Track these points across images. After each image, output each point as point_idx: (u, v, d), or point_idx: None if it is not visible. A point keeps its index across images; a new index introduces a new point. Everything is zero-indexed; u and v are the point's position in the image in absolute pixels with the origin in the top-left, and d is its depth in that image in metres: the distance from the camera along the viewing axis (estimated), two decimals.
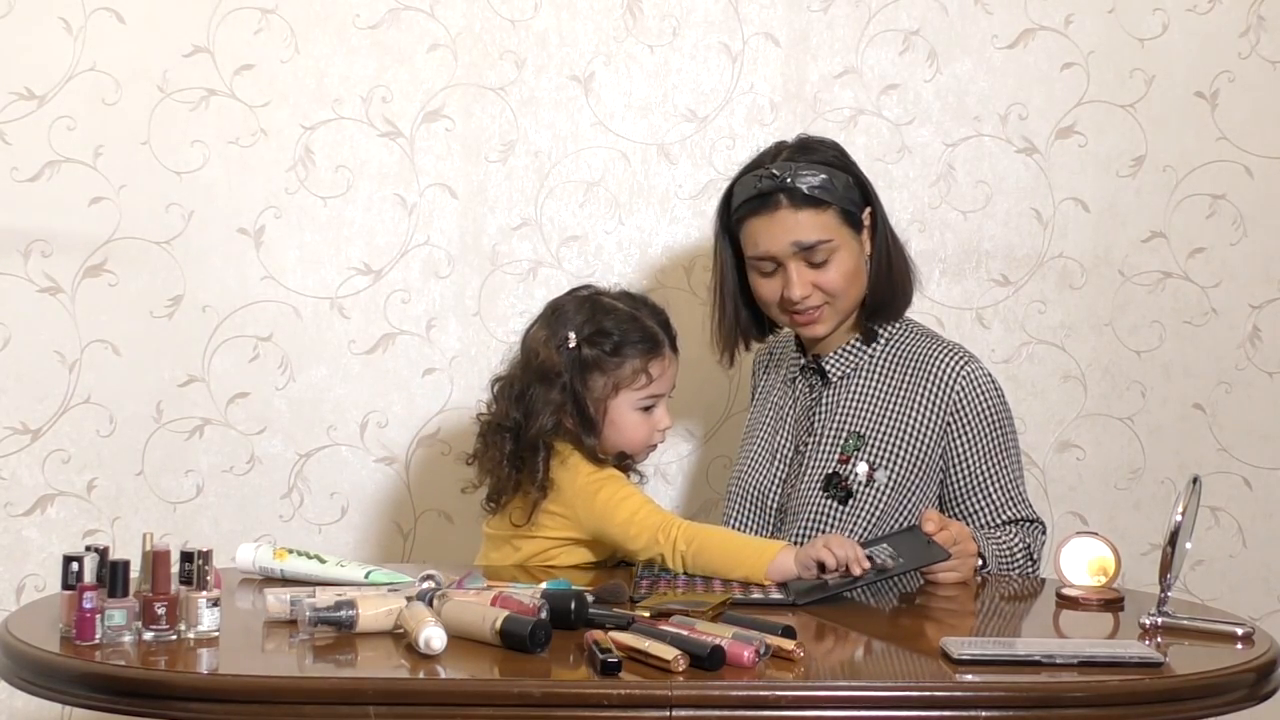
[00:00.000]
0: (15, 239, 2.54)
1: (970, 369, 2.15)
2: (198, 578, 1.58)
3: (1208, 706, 1.51)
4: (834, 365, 2.20)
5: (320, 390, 2.61)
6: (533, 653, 1.51)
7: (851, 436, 2.15)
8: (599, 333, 2.07)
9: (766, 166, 2.12)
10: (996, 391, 2.16)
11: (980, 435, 2.14)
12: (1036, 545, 2.14)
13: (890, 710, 1.45)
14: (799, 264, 2.11)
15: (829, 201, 2.11)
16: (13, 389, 2.56)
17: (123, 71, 2.55)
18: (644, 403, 2.09)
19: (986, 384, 2.15)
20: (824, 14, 2.64)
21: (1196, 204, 2.68)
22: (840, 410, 2.18)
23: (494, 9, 2.61)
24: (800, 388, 2.24)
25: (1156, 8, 2.66)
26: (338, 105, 2.60)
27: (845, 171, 2.15)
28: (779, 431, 2.24)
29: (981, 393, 2.14)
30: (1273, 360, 2.69)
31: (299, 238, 2.60)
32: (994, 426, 2.14)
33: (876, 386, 2.17)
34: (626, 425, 2.09)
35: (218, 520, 2.60)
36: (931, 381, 2.14)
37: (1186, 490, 1.75)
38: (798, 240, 2.10)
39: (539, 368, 2.07)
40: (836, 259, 2.12)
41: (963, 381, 2.14)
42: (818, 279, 2.12)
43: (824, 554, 1.84)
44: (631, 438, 2.10)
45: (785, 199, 2.10)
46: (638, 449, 2.12)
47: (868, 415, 2.16)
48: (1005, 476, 2.14)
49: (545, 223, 2.64)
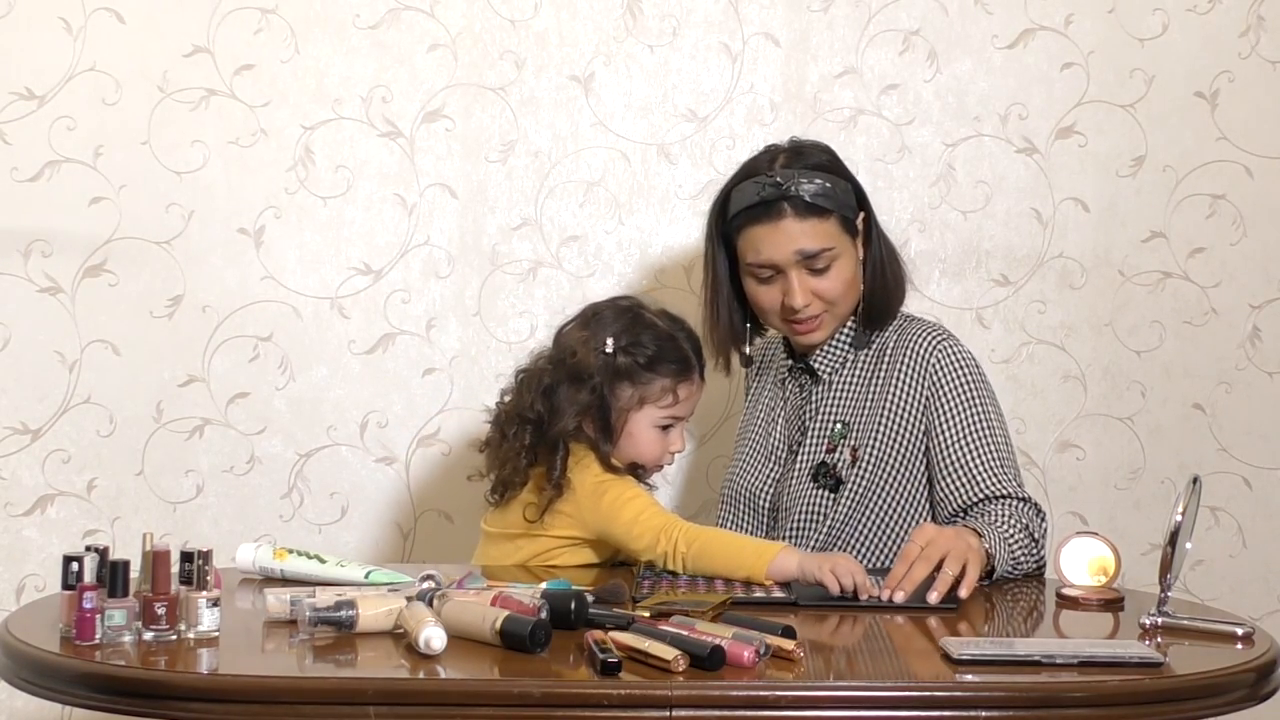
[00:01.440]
0: (15, 239, 2.54)
1: (946, 345, 2.15)
2: (198, 578, 1.58)
3: (1208, 706, 1.51)
4: (822, 363, 2.20)
5: (320, 390, 2.61)
6: (533, 653, 1.51)
7: (837, 425, 2.16)
8: (636, 344, 2.09)
9: (766, 173, 2.11)
10: (975, 366, 2.15)
11: (959, 408, 2.11)
12: (1036, 527, 2.06)
13: (890, 710, 1.45)
14: (800, 272, 2.11)
15: (830, 209, 2.11)
16: (13, 389, 2.56)
17: (123, 71, 2.55)
18: (664, 421, 2.11)
19: (963, 358, 2.14)
20: (824, 14, 2.64)
21: (1196, 204, 2.68)
22: (829, 404, 2.18)
23: (494, 9, 2.62)
24: (790, 389, 2.25)
25: (1156, 8, 2.66)
26: (338, 105, 2.60)
27: (842, 177, 2.15)
28: (771, 433, 2.25)
29: (958, 367, 2.13)
30: (1273, 360, 2.69)
31: (299, 238, 2.60)
32: (973, 400, 2.12)
33: (862, 376, 2.17)
34: (643, 440, 2.10)
35: (218, 520, 2.60)
36: (908, 360, 2.14)
37: (1186, 490, 1.75)
38: (802, 249, 2.10)
39: (573, 366, 2.08)
40: (836, 266, 2.12)
41: (938, 356, 2.13)
42: (817, 287, 2.12)
43: (828, 579, 1.82)
44: (644, 453, 2.11)
45: (789, 207, 2.09)
46: (649, 464, 2.14)
47: (853, 404, 2.16)
48: (988, 449, 2.10)
49: (545, 223, 2.64)
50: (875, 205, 2.44)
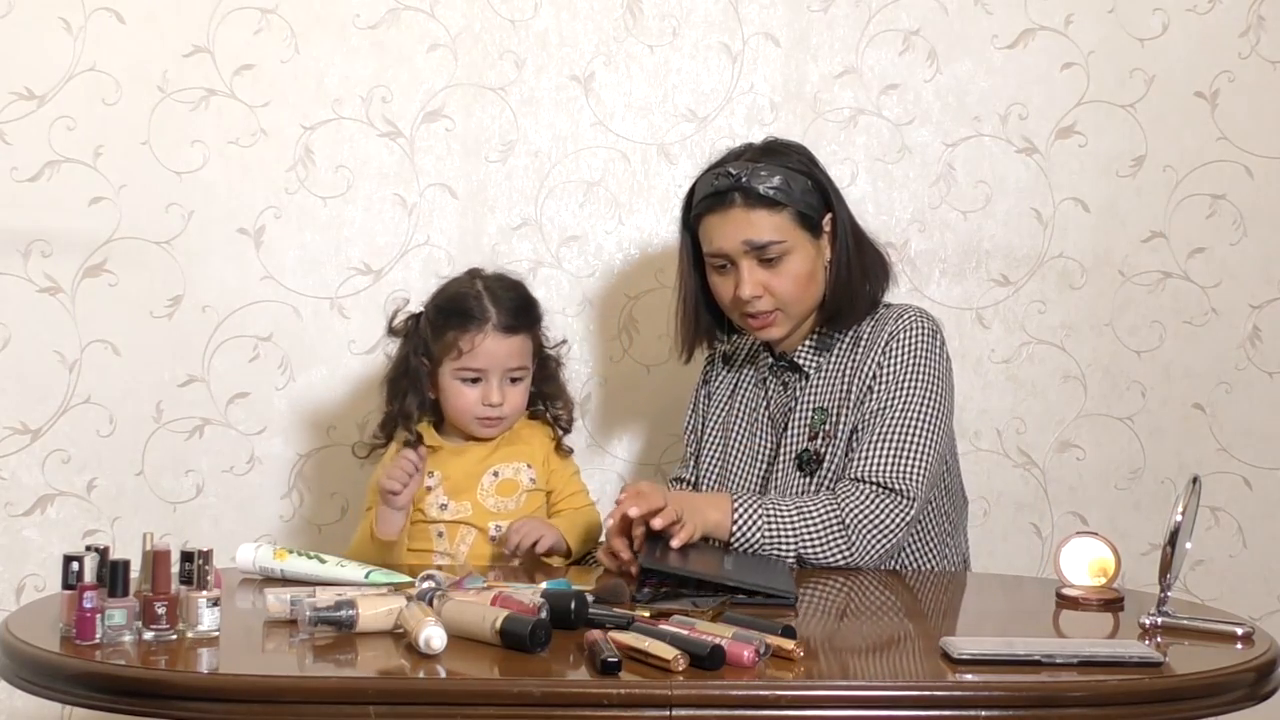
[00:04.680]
0: (15, 239, 2.54)
1: (906, 320, 2.13)
2: (198, 578, 1.58)
3: (1208, 706, 1.51)
4: (806, 358, 2.20)
5: (320, 390, 2.61)
6: (533, 653, 1.51)
7: (818, 412, 2.16)
8: (430, 307, 2.27)
9: (725, 165, 2.14)
10: (927, 345, 2.12)
11: (891, 385, 2.09)
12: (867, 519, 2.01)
13: (890, 710, 1.45)
14: (751, 263, 2.12)
15: (783, 203, 2.11)
16: (13, 389, 2.56)
17: (123, 71, 2.55)
18: (462, 375, 2.22)
19: (919, 337, 2.12)
20: (824, 14, 2.64)
21: (1196, 204, 2.68)
22: (809, 396, 2.18)
23: (494, 9, 2.62)
24: (773, 387, 2.24)
25: (1156, 8, 2.66)
26: (338, 105, 2.60)
27: (806, 176, 2.15)
28: (755, 433, 2.25)
29: (910, 344, 2.11)
30: (1273, 360, 2.69)
31: (299, 238, 2.60)
32: (908, 380, 2.09)
33: (843, 365, 2.17)
34: (450, 396, 2.23)
35: (218, 520, 2.60)
36: (879, 341, 2.14)
37: (1186, 490, 1.75)
38: (749, 239, 2.11)
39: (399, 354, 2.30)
40: (789, 261, 2.12)
41: (898, 331, 2.12)
42: (769, 281, 2.12)
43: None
44: (454, 407, 2.23)
45: (740, 197, 2.11)
46: (461, 421, 2.23)
47: (830, 392, 2.17)
48: (892, 432, 2.06)
49: (545, 223, 2.64)
50: (875, 205, 2.45)
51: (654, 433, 2.67)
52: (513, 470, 2.25)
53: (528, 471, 2.26)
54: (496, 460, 2.25)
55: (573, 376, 2.64)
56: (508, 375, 2.22)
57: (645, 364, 2.66)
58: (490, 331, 2.19)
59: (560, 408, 2.33)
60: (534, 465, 2.27)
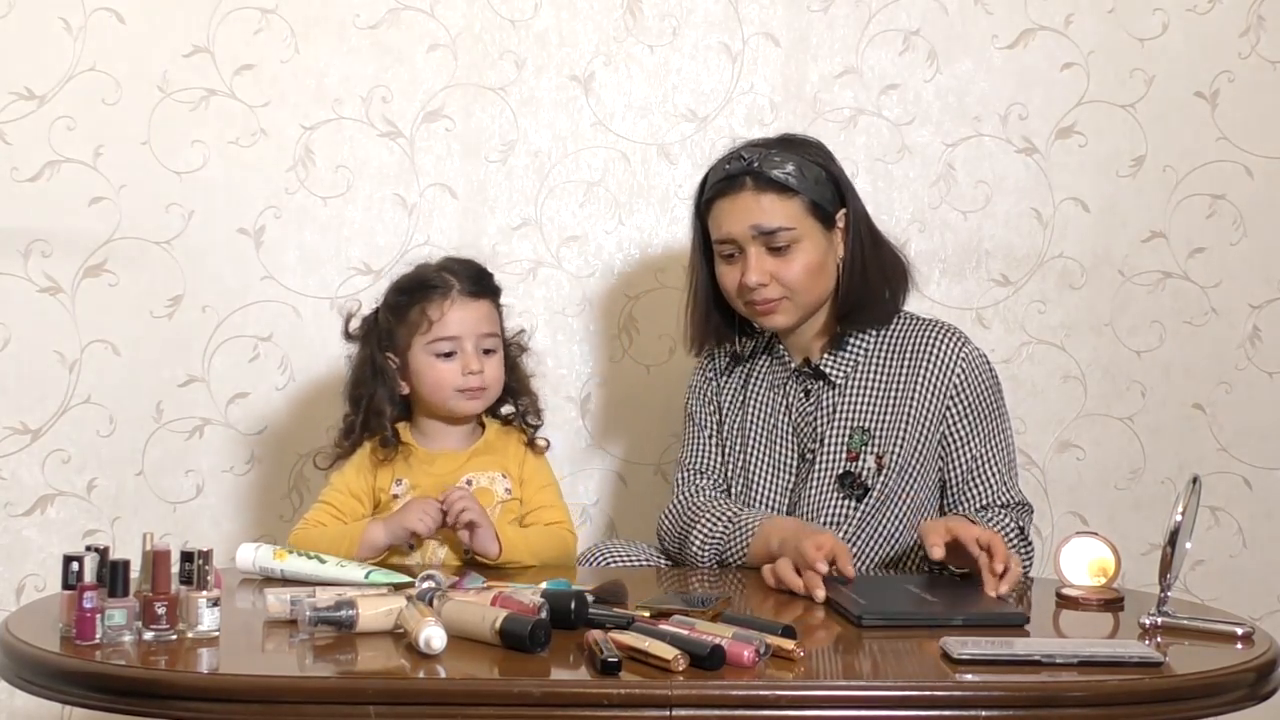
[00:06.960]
0: (15, 239, 2.54)
1: (968, 350, 2.15)
2: (198, 578, 1.58)
3: (1208, 706, 1.51)
4: (834, 368, 2.17)
5: (320, 390, 2.61)
6: (533, 653, 1.51)
7: (857, 432, 2.14)
8: (386, 298, 2.23)
9: (739, 151, 2.13)
10: (992, 374, 2.18)
11: (979, 417, 2.14)
12: (1028, 525, 2.14)
13: (890, 710, 1.45)
14: (759, 249, 2.09)
15: (795, 190, 2.09)
16: (13, 389, 2.56)
17: (123, 71, 2.55)
18: (437, 348, 2.16)
19: (983, 366, 2.17)
20: (824, 14, 2.64)
21: (1196, 204, 2.68)
22: (844, 409, 2.15)
23: (494, 9, 2.62)
24: (794, 393, 2.20)
25: (1156, 8, 2.66)
26: (338, 105, 2.60)
27: (821, 168, 2.13)
28: (775, 441, 2.20)
29: (979, 375, 2.15)
30: (1273, 360, 2.69)
31: (299, 238, 2.60)
32: (991, 409, 2.15)
33: (877, 378, 2.15)
34: (428, 374, 2.17)
35: (218, 520, 2.61)
36: (930, 364, 2.13)
37: (1186, 490, 1.75)
38: (757, 224, 2.09)
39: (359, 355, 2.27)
40: (798, 251, 2.10)
41: (962, 364, 2.14)
42: (777, 269, 2.10)
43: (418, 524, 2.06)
44: (437, 384, 2.17)
45: (750, 181, 2.09)
46: (447, 397, 2.18)
47: (871, 408, 2.14)
48: (1002, 460, 2.15)
49: (545, 223, 2.64)
50: (875, 205, 2.44)
51: (654, 433, 2.67)
52: (488, 480, 2.18)
53: (503, 481, 2.19)
54: (471, 469, 2.18)
55: (573, 376, 2.64)
56: (480, 345, 2.17)
57: (645, 364, 2.66)
58: (456, 297, 2.15)
59: (526, 404, 2.26)
60: (509, 475, 2.20)
